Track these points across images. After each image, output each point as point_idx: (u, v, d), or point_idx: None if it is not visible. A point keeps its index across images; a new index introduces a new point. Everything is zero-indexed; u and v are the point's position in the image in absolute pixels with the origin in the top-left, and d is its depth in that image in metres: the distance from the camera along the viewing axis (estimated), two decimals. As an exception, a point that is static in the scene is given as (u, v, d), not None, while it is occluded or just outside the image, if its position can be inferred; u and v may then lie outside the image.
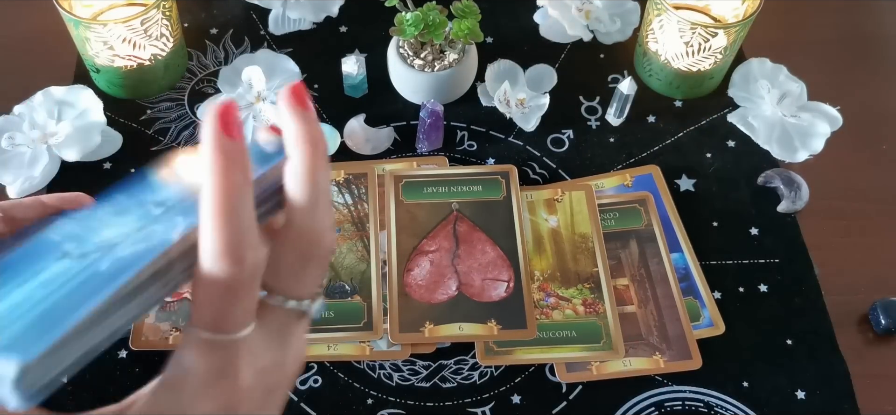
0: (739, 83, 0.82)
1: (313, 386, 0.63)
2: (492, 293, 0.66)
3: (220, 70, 0.81)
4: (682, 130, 0.79)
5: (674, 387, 0.64)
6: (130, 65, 0.76)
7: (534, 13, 0.88)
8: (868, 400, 0.63)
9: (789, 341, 0.66)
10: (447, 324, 0.64)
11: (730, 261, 0.70)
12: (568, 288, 0.67)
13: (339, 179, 0.73)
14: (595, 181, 0.74)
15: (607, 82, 0.83)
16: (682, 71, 0.79)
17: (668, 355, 0.64)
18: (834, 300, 0.68)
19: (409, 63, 0.77)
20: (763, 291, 0.69)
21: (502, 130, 0.78)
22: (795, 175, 0.75)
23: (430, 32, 0.73)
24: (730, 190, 0.75)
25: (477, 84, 0.80)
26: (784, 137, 0.78)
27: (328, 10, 0.87)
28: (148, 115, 0.78)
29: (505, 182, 0.73)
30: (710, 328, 0.66)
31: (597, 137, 0.78)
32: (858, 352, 0.66)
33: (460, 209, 0.71)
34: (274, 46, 0.84)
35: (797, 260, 0.71)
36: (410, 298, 0.66)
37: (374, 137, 0.76)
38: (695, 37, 0.75)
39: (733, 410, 0.63)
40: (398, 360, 0.64)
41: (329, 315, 0.65)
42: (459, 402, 0.63)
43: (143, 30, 0.73)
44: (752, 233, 0.72)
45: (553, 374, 0.64)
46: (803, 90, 0.81)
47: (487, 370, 0.64)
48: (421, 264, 0.68)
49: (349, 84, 0.79)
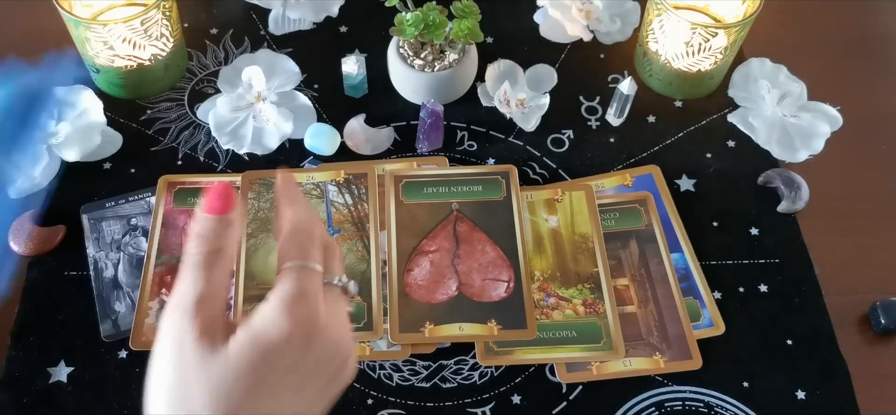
0: (739, 83, 0.82)
1: (313, 386, 0.63)
2: (492, 293, 0.66)
3: (220, 70, 0.81)
4: (682, 130, 0.79)
5: (674, 387, 0.64)
6: (130, 65, 0.76)
7: (534, 13, 0.88)
8: (868, 400, 0.63)
9: (789, 341, 0.66)
10: (447, 324, 0.64)
11: (730, 261, 0.70)
12: (568, 288, 0.67)
13: (339, 179, 0.73)
14: (595, 181, 0.74)
15: (607, 82, 0.83)
16: (682, 71, 0.79)
17: (668, 355, 0.64)
18: (834, 300, 0.68)
19: (409, 63, 0.77)
20: (763, 291, 0.69)
21: (502, 130, 0.78)
22: (795, 175, 0.75)
23: (430, 32, 0.73)
24: (730, 190, 0.75)
25: (477, 84, 0.80)
26: (784, 137, 0.78)
27: (328, 10, 0.87)
28: (148, 115, 0.78)
29: (505, 182, 0.73)
30: (710, 328, 0.66)
31: (597, 137, 0.78)
32: (858, 352, 0.66)
33: (460, 209, 0.71)
34: (274, 46, 0.84)
35: (797, 260, 0.71)
36: (410, 298, 0.66)
37: (374, 137, 0.76)
38: (695, 37, 0.75)
39: (733, 410, 0.63)
40: (398, 360, 0.64)
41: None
42: (459, 402, 0.63)
43: (143, 30, 0.73)
44: (752, 233, 0.72)
45: (553, 374, 0.64)
46: (803, 90, 0.81)
47: (487, 370, 0.64)
48: (421, 264, 0.68)
49: (349, 84, 0.79)
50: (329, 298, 0.42)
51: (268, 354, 0.39)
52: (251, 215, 0.70)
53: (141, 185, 0.73)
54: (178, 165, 0.75)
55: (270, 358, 0.39)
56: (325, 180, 0.73)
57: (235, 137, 0.75)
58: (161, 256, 0.68)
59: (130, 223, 0.70)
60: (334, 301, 0.43)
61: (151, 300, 0.65)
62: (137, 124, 0.77)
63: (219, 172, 0.74)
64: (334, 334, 0.41)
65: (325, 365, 0.41)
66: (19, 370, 0.62)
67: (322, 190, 0.72)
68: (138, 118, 0.78)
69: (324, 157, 0.75)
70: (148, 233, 0.69)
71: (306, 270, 0.41)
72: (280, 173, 0.45)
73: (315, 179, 0.73)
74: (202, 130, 0.77)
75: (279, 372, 0.39)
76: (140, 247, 0.69)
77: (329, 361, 0.41)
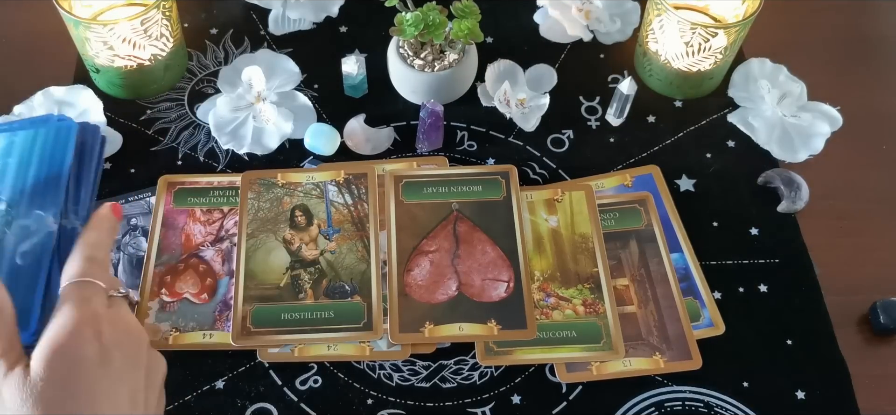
0: (739, 83, 0.82)
1: (313, 386, 0.63)
2: (492, 293, 0.66)
3: (220, 70, 0.81)
4: (682, 130, 0.79)
5: (674, 387, 0.64)
6: (130, 65, 0.76)
7: (534, 13, 0.88)
8: (868, 400, 0.63)
9: (789, 341, 0.66)
10: (447, 324, 0.64)
11: (730, 261, 0.70)
12: (568, 288, 0.67)
13: (339, 179, 0.73)
14: (595, 181, 0.74)
15: (607, 82, 0.83)
16: (682, 71, 0.79)
17: (668, 355, 0.64)
18: (834, 300, 0.68)
19: (409, 63, 0.77)
20: (763, 291, 0.69)
21: (502, 130, 0.78)
22: (795, 175, 0.75)
23: (430, 32, 0.73)
24: (730, 190, 0.75)
25: (477, 84, 0.80)
26: (784, 137, 0.78)
27: (328, 10, 0.87)
28: (148, 115, 0.78)
29: (505, 182, 0.73)
30: (710, 328, 0.66)
31: (597, 137, 0.78)
32: (858, 352, 0.66)
33: (460, 209, 0.71)
34: (274, 46, 0.84)
35: (797, 260, 0.71)
36: (410, 298, 0.66)
37: (374, 137, 0.76)
38: (695, 37, 0.75)
39: (733, 410, 0.63)
40: (398, 360, 0.64)
41: (329, 315, 0.65)
42: (459, 402, 0.63)
43: (143, 30, 0.73)
44: (752, 233, 0.72)
45: (553, 374, 0.64)
46: (803, 90, 0.81)
47: (487, 370, 0.64)
48: (421, 264, 0.68)
49: (349, 84, 0.79)
50: (112, 302, 0.46)
51: (65, 354, 0.42)
52: (251, 215, 0.70)
53: (141, 185, 0.73)
54: (177, 165, 0.75)
55: (69, 357, 0.42)
56: (325, 180, 0.73)
57: (235, 137, 0.75)
58: (161, 256, 0.68)
59: (130, 223, 0.70)
60: (117, 303, 0.47)
61: (151, 300, 0.65)
62: (137, 124, 0.77)
63: (219, 172, 0.74)
64: (122, 324, 0.46)
65: (126, 352, 0.45)
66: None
67: (322, 190, 0.72)
68: (138, 118, 0.78)
69: (324, 157, 0.75)
70: (148, 233, 0.69)
71: (85, 283, 0.45)
72: (108, 206, 0.50)
73: (315, 179, 0.73)
74: (202, 130, 0.77)
75: (85, 369, 0.42)
76: (140, 247, 0.69)
77: (128, 346, 0.45)
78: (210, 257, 0.68)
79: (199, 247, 0.69)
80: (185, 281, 0.66)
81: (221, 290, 0.66)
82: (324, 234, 0.69)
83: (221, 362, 0.64)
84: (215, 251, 0.68)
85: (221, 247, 0.69)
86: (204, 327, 0.64)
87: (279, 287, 0.66)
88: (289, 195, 0.71)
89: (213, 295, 0.66)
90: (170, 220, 0.70)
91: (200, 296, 0.66)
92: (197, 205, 0.71)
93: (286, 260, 0.68)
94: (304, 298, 0.66)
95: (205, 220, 0.70)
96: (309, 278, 0.67)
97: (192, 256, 0.68)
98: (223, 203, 0.71)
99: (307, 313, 0.65)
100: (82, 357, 0.42)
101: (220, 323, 0.65)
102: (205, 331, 0.64)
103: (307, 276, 0.67)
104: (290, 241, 0.69)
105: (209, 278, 0.67)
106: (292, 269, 0.67)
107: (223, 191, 0.72)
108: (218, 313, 0.65)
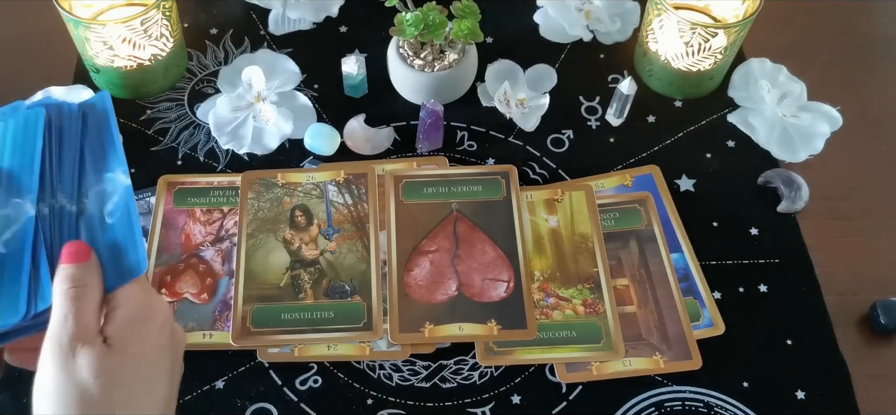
0: (739, 83, 0.82)
1: (313, 386, 0.63)
2: (492, 293, 0.66)
3: (220, 70, 0.81)
4: (682, 130, 0.79)
5: (674, 387, 0.64)
6: (130, 65, 0.76)
7: (534, 13, 0.88)
8: (868, 400, 0.63)
9: (789, 341, 0.66)
10: (447, 324, 0.64)
11: (730, 261, 0.70)
12: (568, 288, 0.67)
13: (339, 179, 0.73)
14: (595, 181, 0.74)
15: (607, 82, 0.83)
16: (682, 71, 0.79)
17: (668, 355, 0.64)
18: (834, 300, 0.68)
19: (409, 63, 0.77)
20: (763, 291, 0.69)
21: (502, 130, 0.78)
22: (795, 175, 0.75)
23: (430, 32, 0.73)
24: (730, 190, 0.75)
25: (477, 84, 0.80)
26: (784, 137, 0.78)
27: (328, 10, 0.87)
28: (148, 115, 0.78)
29: (505, 182, 0.73)
30: (710, 328, 0.66)
31: (597, 137, 0.78)
32: (858, 352, 0.66)
33: (460, 209, 0.71)
34: (274, 46, 0.84)
35: (797, 260, 0.71)
36: (410, 298, 0.66)
37: (374, 137, 0.76)
38: (695, 37, 0.75)
39: (733, 410, 0.63)
40: (398, 360, 0.64)
41: (329, 315, 0.65)
42: (459, 402, 0.63)
43: (142, 30, 0.73)
44: (752, 233, 0.72)
45: (553, 374, 0.64)
46: (803, 90, 0.81)
47: (487, 370, 0.64)
48: (421, 264, 0.68)
49: (349, 84, 0.79)
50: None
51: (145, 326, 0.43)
52: (251, 215, 0.70)
53: (141, 185, 0.73)
54: (177, 165, 0.75)
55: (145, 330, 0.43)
56: (324, 180, 0.73)
57: (235, 136, 0.75)
58: (161, 256, 0.68)
59: (130, 223, 0.70)
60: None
61: (151, 300, 0.65)
62: (137, 124, 0.77)
63: (219, 172, 0.74)
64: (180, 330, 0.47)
65: (176, 357, 0.45)
66: (19, 370, 0.62)
67: (322, 190, 0.72)
68: (138, 118, 0.78)
69: (324, 157, 0.75)
70: (148, 233, 0.69)
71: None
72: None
73: (315, 179, 0.73)
74: (202, 129, 0.77)
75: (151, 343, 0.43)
76: (140, 247, 0.69)
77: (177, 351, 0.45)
78: (210, 257, 0.68)
79: (199, 247, 0.69)
80: (186, 281, 0.67)
81: (221, 290, 0.66)
82: (324, 234, 0.69)
83: (221, 362, 0.64)
84: (215, 251, 0.68)
85: (221, 247, 0.69)
86: (204, 327, 0.64)
87: (279, 287, 0.66)
88: (289, 195, 0.72)
89: (213, 295, 0.66)
90: (170, 220, 0.70)
91: (200, 296, 0.66)
92: (197, 205, 0.71)
93: (286, 260, 0.68)
94: (304, 299, 0.66)
95: (205, 220, 0.70)
96: (309, 278, 0.67)
97: (192, 256, 0.68)
98: (223, 203, 0.71)
99: (307, 313, 0.65)
100: (152, 346, 0.43)
101: (220, 323, 0.65)
102: (205, 331, 0.64)
103: (307, 276, 0.67)
104: (290, 241, 0.69)
105: (209, 278, 0.67)
106: (292, 269, 0.67)
107: (223, 191, 0.72)
108: (218, 312, 0.65)
